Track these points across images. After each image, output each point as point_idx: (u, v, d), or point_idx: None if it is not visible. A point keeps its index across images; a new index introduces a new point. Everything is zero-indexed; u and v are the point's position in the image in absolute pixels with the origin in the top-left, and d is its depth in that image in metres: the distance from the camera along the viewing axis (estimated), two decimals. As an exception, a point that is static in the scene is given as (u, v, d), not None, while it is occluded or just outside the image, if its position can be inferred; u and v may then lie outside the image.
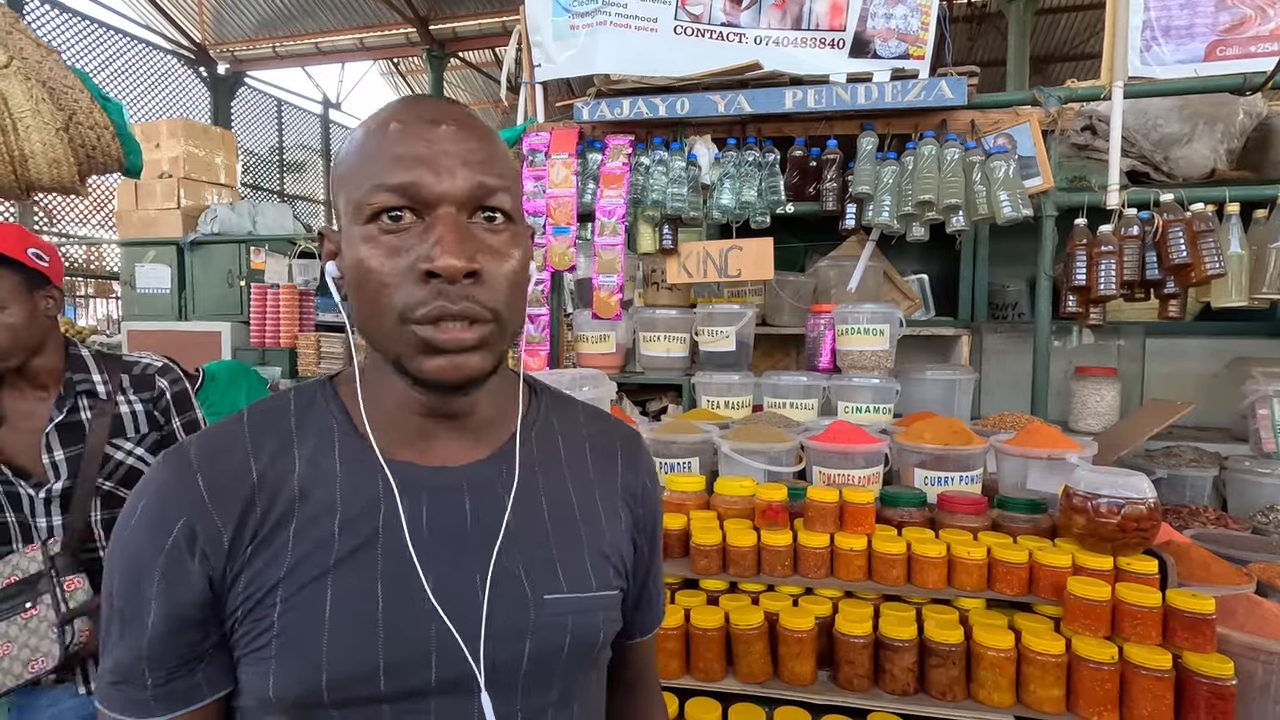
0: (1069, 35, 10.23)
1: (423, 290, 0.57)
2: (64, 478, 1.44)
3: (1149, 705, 1.21)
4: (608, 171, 2.42)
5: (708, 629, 1.42)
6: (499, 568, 0.64)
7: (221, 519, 0.59)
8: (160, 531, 0.59)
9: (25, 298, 1.42)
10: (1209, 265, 1.97)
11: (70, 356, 1.50)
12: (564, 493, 0.70)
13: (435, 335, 0.57)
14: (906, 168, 2.25)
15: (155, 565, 0.59)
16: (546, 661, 0.64)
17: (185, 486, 0.60)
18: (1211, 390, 2.70)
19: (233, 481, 0.61)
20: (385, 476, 0.63)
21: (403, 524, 0.62)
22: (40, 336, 1.45)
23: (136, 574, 0.59)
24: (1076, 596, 1.29)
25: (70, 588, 1.39)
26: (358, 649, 0.58)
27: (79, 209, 9.19)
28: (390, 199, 0.57)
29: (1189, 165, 2.64)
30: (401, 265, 0.57)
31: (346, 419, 0.66)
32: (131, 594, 0.59)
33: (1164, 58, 2.16)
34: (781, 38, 2.46)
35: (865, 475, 1.75)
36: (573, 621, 0.65)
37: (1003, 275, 3.22)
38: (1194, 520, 2.00)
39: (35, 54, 1.53)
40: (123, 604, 0.59)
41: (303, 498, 0.61)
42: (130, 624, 0.59)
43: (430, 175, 0.57)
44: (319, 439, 0.65)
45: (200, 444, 0.63)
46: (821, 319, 2.43)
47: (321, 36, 11.33)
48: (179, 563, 0.59)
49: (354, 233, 0.59)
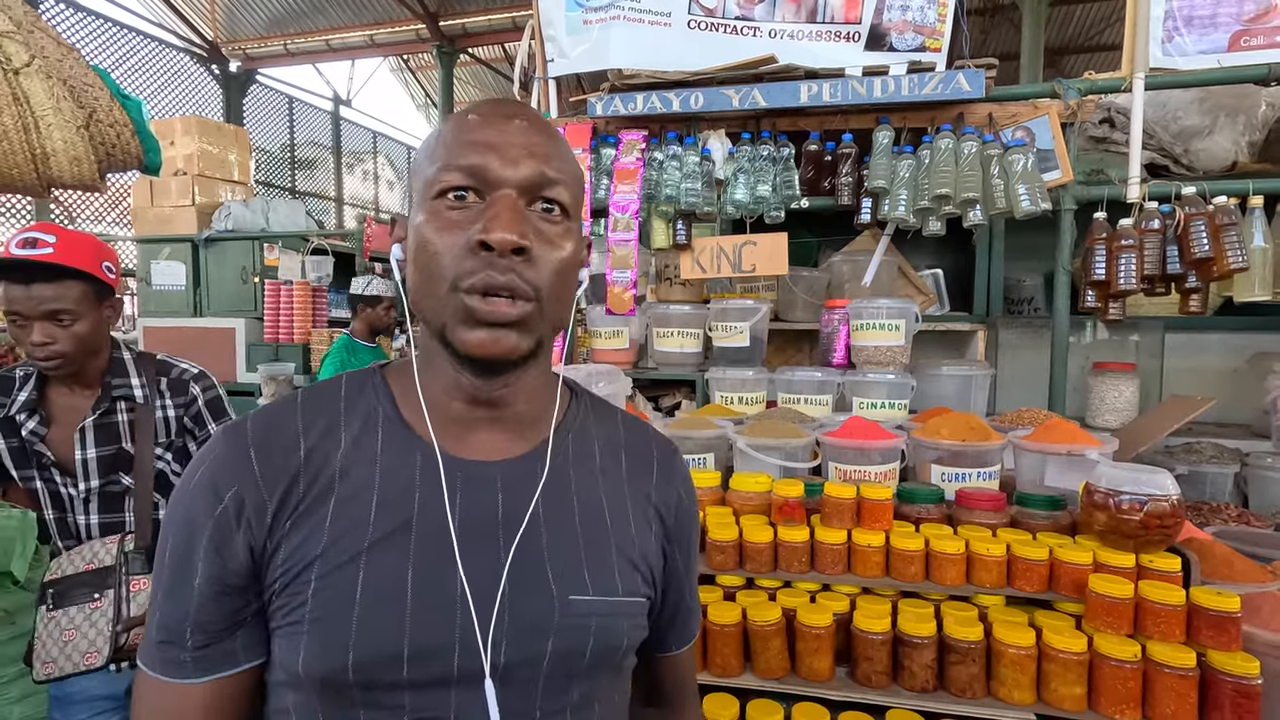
0: (1084, 26, 10.11)
1: (473, 260, 0.60)
2: (94, 476, 1.46)
3: (1172, 704, 1.20)
4: (621, 167, 2.42)
5: (725, 625, 1.42)
6: (524, 565, 0.64)
7: (268, 491, 0.62)
8: (213, 499, 0.62)
9: (94, 309, 1.45)
10: (1232, 259, 1.94)
11: (112, 360, 1.53)
12: (595, 497, 0.71)
13: (479, 305, 0.60)
14: (923, 162, 2.23)
15: (205, 530, 0.61)
16: (568, 662, 0.64)
17: (239, 458, 0.63)
18: (1232, 386, 2.66)
19: (282, 457, 0.63)
20: (422, 463, 0.65)
21: (446, 511, 0.64)
22: (101, 344, 1.49)
23: (189, 537, 0.62)
24: (1099, 594, 1.28)
25: (135, 588, 1.42)
26: (384, 632, 0.59)
27: (95, 206, 9.29)
28: (458, 178, 0.61)
29: (1210, 158, 2.61)
30: (459, 238, 0.60)
31: (392, 405, 0.68)
32: (183, 556, 0.62)
33: (1186, 48, 2.13)
34: (796, 31, 2.44)
35: (882, 471, 1.74)
36: (596, 624, 0.66)
37: (1019, 270, 3.19)
38: (1215, 517, 1.97)
39: (56, 52, 1.54)
40: (174, 565, 0.62)
41: (343, 476, 0.64)
42: (179, 585, 0.62)
43: (496, 160, 0.61)
44: (364, 423, 0.67)
45: (256, 420, 0.66)
46: (836, 314, 2.42)
47: (332, 33, 11.38)
48: (227, 530, 0.61)
49: (421, 209, 0.63)
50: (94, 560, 1.42)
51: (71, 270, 1.38)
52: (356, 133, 15.02)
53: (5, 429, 1.46)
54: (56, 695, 1.51)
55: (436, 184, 0.62)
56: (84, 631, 1.37)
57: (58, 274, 1.38)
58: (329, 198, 13.95)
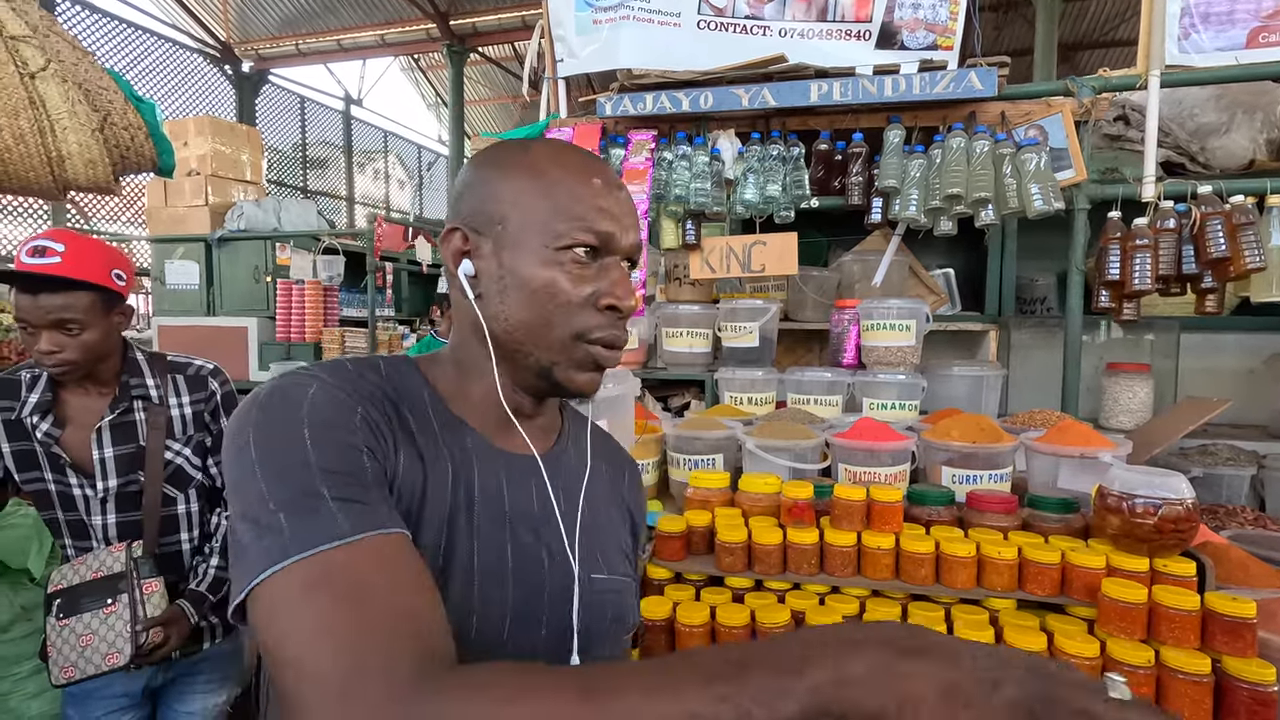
0: (1099, 21, 10.00)
1: (600, 318, 0.70)
2: (113, 476, 1.47)
3: (1186, 710, 1.19)
4: (630, 167, 2.42)
5: (734, 627, 1.41)
6: (554, 546, 0.73)
7: (382, 415, 0.65)
8: (346, 408, 0.62)
9: (103, 318, 1.44)
10: (1249, 259, 1.92)
11: (126, 360, 1.53)
12: (594, 491, 0.81)
13: (602, 355, 0.71)
14: (934, 161, 2.21)
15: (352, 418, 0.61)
16: (592, 636, 0.72)
17: (353, 380, 0.65)
18: (1249, 387, 2.63)
19: (376, 392, 0.67)
20: (474, 446, 0.71)
21: (503, 493, 0.71)
22: (111, 350, 1.49)
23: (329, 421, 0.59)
24: (1111, 599, 1.27)
25: (148, 590, 1.43)
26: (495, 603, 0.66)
27: (109, 206, 9.39)
28: (591, 239, 0.70)
29: (1226, 156, 2.57)
30: (584, 292, 0.69)
31: (435, 394, 0.73)
32: (328, 422, 0.59)
33: (1203, 45, 2.10)
34: (807, 30, 2.43)
35: (892, 473, 1.73)
36: (611, 601, 0.76)
37: (1031, 269, 3.17)
38: (1231, 521, 1.95)
39: (71, 56, 1.56)
40: (317, 429, 0.58)
41: (418, 432, 0.68)
42: (327, 435, 0.58)
43: (619, 230, 0.72)
44: (414, 400, 0.71)
45: (337, 363, 0.68)
46: (846, 314, 2.41)
47: (343, 33, 11.45)
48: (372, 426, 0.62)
49: (538, 254, 0.69)
50: (101, 569, 1.42)
51: (80, 281, 1.37)
52: (368, 132, 15.11)
53: (12, 432, 1.45)
54: (73, 692, 1.52)
55: (567, 238, 0.69)
56: (102, 635, 1.38)
57: (66, 285, 1.37)
58: (340, 197, 14.04)
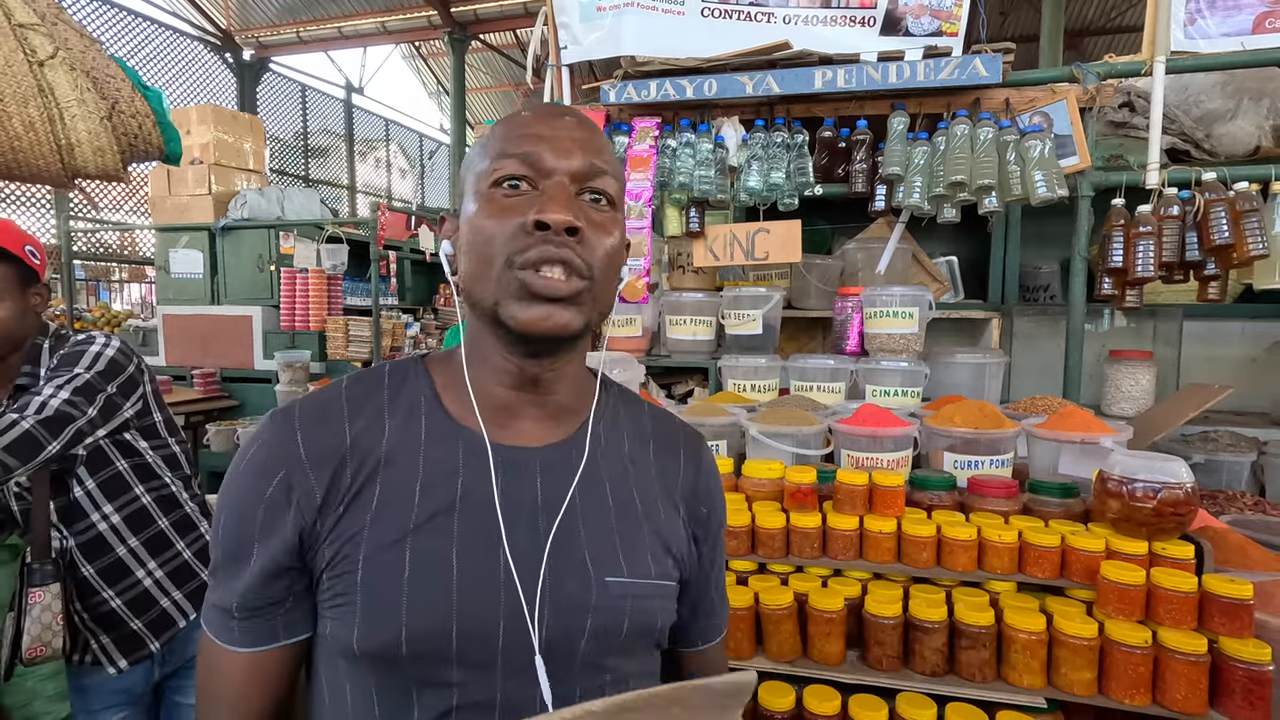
0: (1105, 7, 9.90)
1: (528, 239, 0.62)
2: None
3: (1183, 689, 1.21)
4: (634, 154, 2.42)
5: (737, 608, 1.44)
6: (563, 547, 0.66)
7: (316, 476, 0.64)
8: (263, 480, 0.64)
9: (18, 293, 1.41)
10: (1252, 246, 1.92)
11: (31, 346, 1.45)
12: (626, 483, 0.73)
13: (534, 279, 0.61)
14: (938, 148, 2.21)
15: (258, 509, 0.64)
16: (604, 642, 0.66)
17: (287, 443, 0.65)
18: (1251, 374, 2.64)
19: (329, 441, 0.65)
20: (465, 449, 0.67)
21: (491, 494, 0.66)
22: (27, 333, 1.44)
23: (240, 520, 0.65)
24: (1110, 581, 1.29)
25: (33, 600, 1.35)
26: (433, 609, 0.62)
27: (113, 195, 9.39)
28: (512, 166, 0.64)
29: (1232, 142, 2.56)
30: (513, 221, 0.63)
31: (434, 393, 0.70)
32: (235, 539, 0.65)
33: (1209, 31, 2.09)
34: (811, 16, 2.42)
35: (894, 459, 1.75)
36: (631, 606, 0.67)
37: (1034, 257, 3.17)
38: (1231, 506, 1.97)
39: (79, 43, 1.56)
40: (230, 544, 0.66)
41: (388, 462, 0.66)
42: (231, 565, 0.66)
43: (549, 150, 0.64)
44: (409, 409, 0.69)
45: (304, 406, 0.68)
46: (849, 302, 2.42)
47: (344, 20, 11.37)
48: (278, 510, 0.64)
49: (475, 199, 0.66)
50: None
51: None
52: (369, 120, 15.04)
53: None
54: (73, 684, 1.52)
55: (491, 174, 0.65)
56: None
57: None
58: (342, 185, 14.00)
